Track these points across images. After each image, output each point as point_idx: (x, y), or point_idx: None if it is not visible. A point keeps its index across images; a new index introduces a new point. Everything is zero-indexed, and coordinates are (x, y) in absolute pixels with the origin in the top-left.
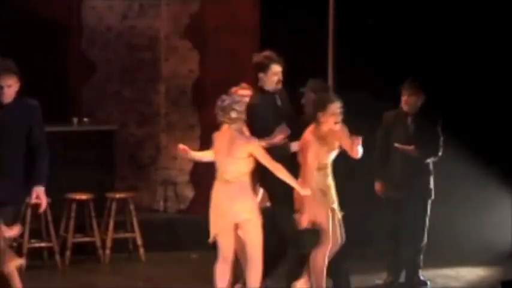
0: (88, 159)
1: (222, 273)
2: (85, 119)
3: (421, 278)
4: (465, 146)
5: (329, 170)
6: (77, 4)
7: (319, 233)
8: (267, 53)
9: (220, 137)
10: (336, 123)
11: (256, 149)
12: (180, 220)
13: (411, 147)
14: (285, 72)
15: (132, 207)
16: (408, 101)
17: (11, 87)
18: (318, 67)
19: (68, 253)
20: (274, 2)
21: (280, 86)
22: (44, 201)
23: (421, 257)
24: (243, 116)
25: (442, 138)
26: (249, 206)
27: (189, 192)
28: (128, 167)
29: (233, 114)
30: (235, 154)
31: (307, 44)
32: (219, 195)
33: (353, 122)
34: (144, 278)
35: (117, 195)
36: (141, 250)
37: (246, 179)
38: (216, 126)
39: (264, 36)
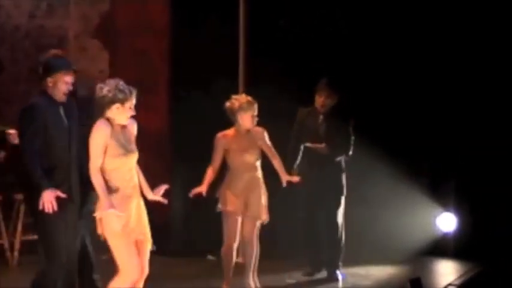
0: None
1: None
2: None
3: (336, 272)
4: (380, 146)
5: None
6: None
7: None
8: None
9: None
10: None
11: None
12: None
13: (322, 146)
14: (196, 73)
15: None
16: (324, 103)
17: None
18: (230, 68)
19: None
20: (185, 2)
21: None
22: None
23: (341, 254)
24: None
25: (353, 138)
26: None
27: None
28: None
29: None
30: None
31: (218, 44)
32: None
33: (266, 122)
34: None
35: None
36: None
37: None
38: None
39: (175, 36)
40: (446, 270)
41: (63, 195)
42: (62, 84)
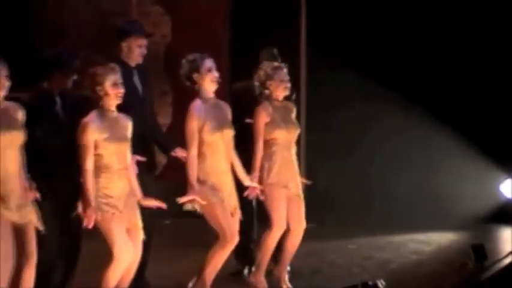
0: None
1: None
2: None
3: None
4: (444, 113)
5: None
6: None
7: None
8: None
9: None
10: None
11: None
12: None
13: None
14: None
15: None
16: None
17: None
18: (290, 35)
19: None
20: None
21: None
22: None
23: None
24: None
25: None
26: None
27: (161, 158)
28: None
29: None
30: None
31: (279, 12)
32: None
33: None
34: None
35: None
36: None
37: None
38: (188, 93)
39: (236, 3)
40: (510, 237)
41: (142, 159)
42: (136, 48)
